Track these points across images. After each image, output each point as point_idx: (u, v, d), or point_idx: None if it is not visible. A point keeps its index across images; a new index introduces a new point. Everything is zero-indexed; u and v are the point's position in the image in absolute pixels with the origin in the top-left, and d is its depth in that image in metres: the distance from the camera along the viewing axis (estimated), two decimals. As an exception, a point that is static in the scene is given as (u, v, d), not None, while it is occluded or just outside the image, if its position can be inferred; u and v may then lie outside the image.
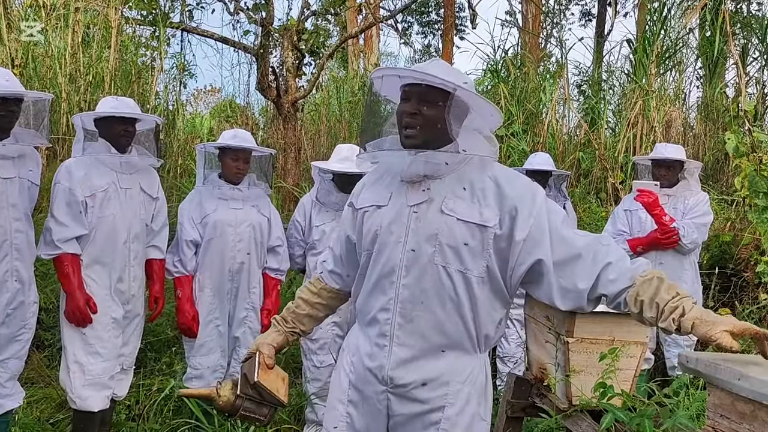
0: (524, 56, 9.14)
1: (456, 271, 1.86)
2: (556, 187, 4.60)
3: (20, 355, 3.09)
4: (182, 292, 3.56)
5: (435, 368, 1.91)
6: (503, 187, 1.88)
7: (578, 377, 2.40)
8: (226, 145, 3.60)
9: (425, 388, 1.90)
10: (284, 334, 2.13)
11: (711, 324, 1.63)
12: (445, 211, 1.87)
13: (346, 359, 2.06)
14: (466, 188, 1.89)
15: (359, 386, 1.99)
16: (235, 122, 10.61)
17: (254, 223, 3.66)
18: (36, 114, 3.11)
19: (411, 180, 1.92)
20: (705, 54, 8.08)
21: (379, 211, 1.95)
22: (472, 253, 1.86)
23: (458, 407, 1.92)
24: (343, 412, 2.02)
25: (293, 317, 2.15)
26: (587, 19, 16.53)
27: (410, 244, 1.88)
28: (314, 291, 2.17)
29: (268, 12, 7.57)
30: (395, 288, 1.90)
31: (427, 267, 1.87)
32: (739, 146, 4.60)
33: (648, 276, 1.74)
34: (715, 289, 5.19)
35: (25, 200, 3.04)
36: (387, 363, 1.91)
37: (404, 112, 1.87)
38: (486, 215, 1.86)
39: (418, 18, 17.95)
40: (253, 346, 2.10)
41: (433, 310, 1.88)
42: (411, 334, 1.90)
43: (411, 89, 1.87)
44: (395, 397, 1.93)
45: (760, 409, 1.63)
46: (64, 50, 5.94)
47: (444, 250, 1.86)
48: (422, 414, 1.92)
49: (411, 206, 1.90)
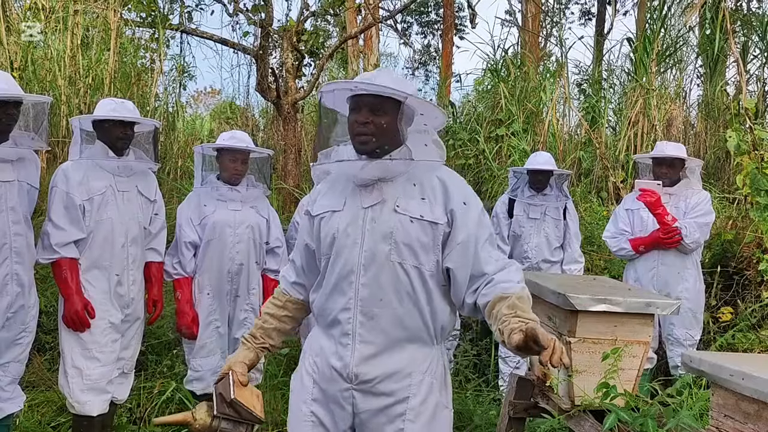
0: (524, 55, 9.13)
1: (411, 267, 1.96)
2: (558, 186, 4.59)
3: (21, 358, 3.08)
4: (181, 294, 3.55)
5: (397, 361, 1.99)
6: (449, 188, 2.01)
7: (581, 377, 2.39)
8: (223, 147, 3.59)
9: (389, 381, 1.98)
10: (254, 350, 2.16)
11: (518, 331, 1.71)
12: (398, 211, 1.97)
13: (308, 361, 2.11)
14: (416, 188, 2.01)
15: (323, 385, 2.04)
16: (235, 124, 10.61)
17: (253, 224, 3.65)
18: (35, 117, 3.10)
19: (364, 184, 2.02)
20: (705, 52, 8.06)
21: (335, 215, 2.04)
22: (425, 248, 1.97)
23: (421, 397, 1.99)
24: (306, 412, 2.07)
25: (262, 333, 2.18)
26: (587, 18, 16.52)
27: (367, 244, 1.97)
28: (279, 305, 2.21)
29: (268, 13, 7.57)
30: (354, 288, 1.98)
31: (384, 265, 1.96)
32: (741, 144, 4.60)
33: (506, 294, 1.84)
34: (717, 287, 5.18)
35: (24, 203, 3.02)
36: (351, 360, 1.98)
37: (356, 121, 1.97)
38: (436, 213, 1.98)
39: (417, 18, 17.94)
40: (224, 367, 2.13)
41: (393, 305, 1.97)
42: (373, 331, 1.97)
43: (361, 99, 1.96)
44: (360, 393, 1.99)
45: (764, 408, 1.62)
46: (63, 53, 5.94)
47: (399, 248, 1.96)
48: (387, 407, 1.99)
49: (365, 208, 2.00)
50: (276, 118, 8.75)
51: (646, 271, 4.21)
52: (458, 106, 9.26)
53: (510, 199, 4.69)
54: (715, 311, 5.04)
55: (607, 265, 5.66)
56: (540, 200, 4.57)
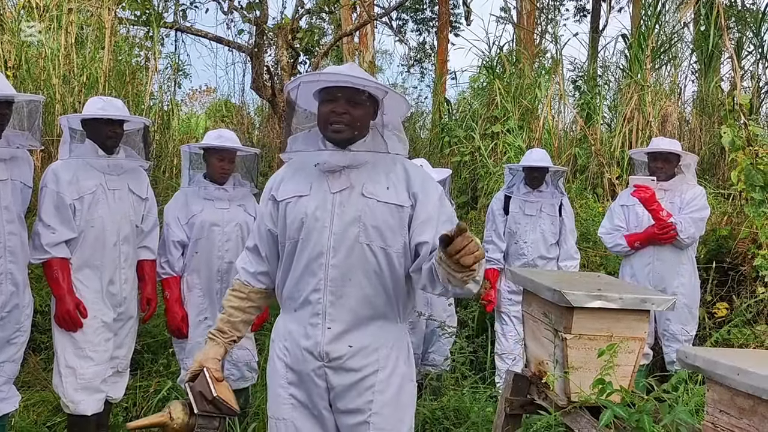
0: (519, 52, 9.12)
1: (379, 248, 2.07)
2: (553, 183, 4.59)
3: (15, 358, 3.07)
4: (170, 293, 3.54)
5: (365, 337, 2.10)
6: (411, 174, 2.15)
7: (577, 374, 2.40)
8: (210, 146, 3.58)
9: (358, 356, 2.08)
10: (223, 345, 2.21)
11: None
12: (366, 195, 2.08)
13: (278, 346, 2.19)
14: (381, 175, 2.12)
15: (296, 367, 2.13)
16: (231, 122, 10.58)
17: (241, 223, 3.64)
18: (28, 116, 3.09)
19: (331, 170, 2.11)
20: (700, 48, 8.07)
21: (301, 200, 2.12)
22: (392, 231, 2.08)
23: (389, 370, 2.12)
24: (285, 395, 2.15)
25: (229, 327, 2.22)
26: (582, 14, 16.52)
27: (336, 227, 2.07)
28: (243, 296, 2.25)
29: (262, 11, 7.55)
30: (324, 269, 2.06)
31: (353, 246, 2.06)
32: (735, 140, 4.60)
33: None
34: (712, 283, 5.18)
35: (18, 202, 3.02)
36: (322, 339, 2.08)
37: (333, 112, 2.05)
38: (401, 197, 2.10)
39: (412, 15, 17.91)
40: (194, 365, 2.16)
41: (361, 285, 2.07)
42: (342, 310, 2.07)
43: (339, 91, 2.05)
44: (331, 370, 2.09)
45: (759, 404, 1.63)
46: (57, 51, 5.90)
47: (368, 230, 2.06)
48: (358, 381, 2.09)
49: (334, 193, 2.09)
50: (271, 116, 8.74)
51: (642, 267, 4.22)
52: (454, 104, 9.26)
53: (506, 195, 4.69)
54: (710, 307, 5.05)
55: (602, 261, 5.67)
56: (536, 197, 4.57)
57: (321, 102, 2.10)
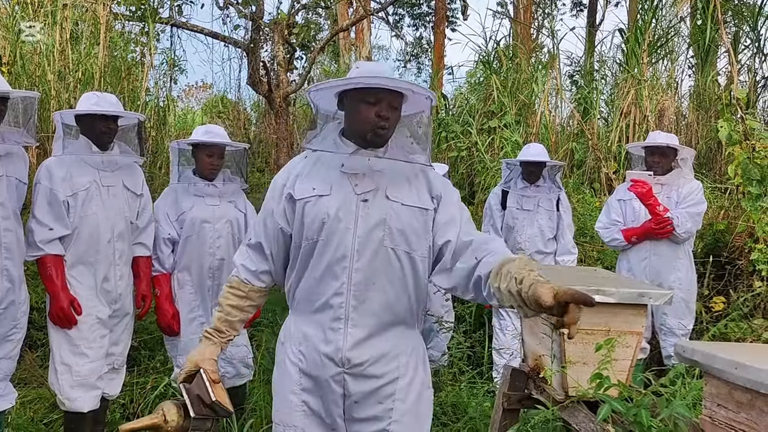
0: (516, 47, 9.11)
1: (403, 252, 2.03)
2: (551, 177, 4.59)
3: (12, 355, 3.06)
4: (161, 290, 3.52)
5: (386, 344, 2.04)
6: (430, 177, 2.13)
7: (574, 368, 2.40)
8: (198, 142, 3.55)
9: (380, 363, 2.02)
10: (219, 344, 2.13)
11: (542, 283, 1.66)
12: (390, 198, 2.03)
13: (291, 350, 2.10)
14: (403, 178, 2.08)
15: (313, 373, 2.05)
16: (227, 118, 10.56)
17: (231, 219, 3.63)
18: (23, 112, 3.07)
19: (355, 171, 2.05)
20: (696, 42, 8.06)
21: (322, 199, 2.03)
22: (417, 234, 2.04)
23: (409, 377, 2.07)
24: (297, 402, 2.07)
25: (227, 326, 2.13)
26: (578, 9, 16.51)
27: (360, 229, 2.00)
28: (242, 295, 2.15)
29: (258, 6, 7.52)
30: (348, 272, 2.00)
31: (378, 250, 2.00)
32: (732, 134, 4.60)
33: (512, 257, 1.84)
34: (709, 277, 5.19)
35: (13, 199, 3.00)
36: (343, 345, 2.01)
37: (379, 115, 1.99)
38: (424, 200, 2.07)
39: (409, 10, 17.89)
40: (189, 364, 2.07)
41: (385, 289, 2.02)
42: (365, 315, 2.01)
43: (381, 94, 1.98)
44: (351, 377, 2.02)
45: (757, 398, 1.62)
46: (52, 47, 5.87)
47: (393, 233, 2.01)
48: (378, 389, 2.03)
49: (359, 195, 2.03)
50: (268, 112, 8.73)
51: (639, 262, 4.22)
52: (450, 99, 9.24)
53: (503, 190, 4.69)
54: (707, 301, 5.06)
55: (600, 255, 5.67)
56: (533, 192, 4.56)
57: (359, 101, 2.00)
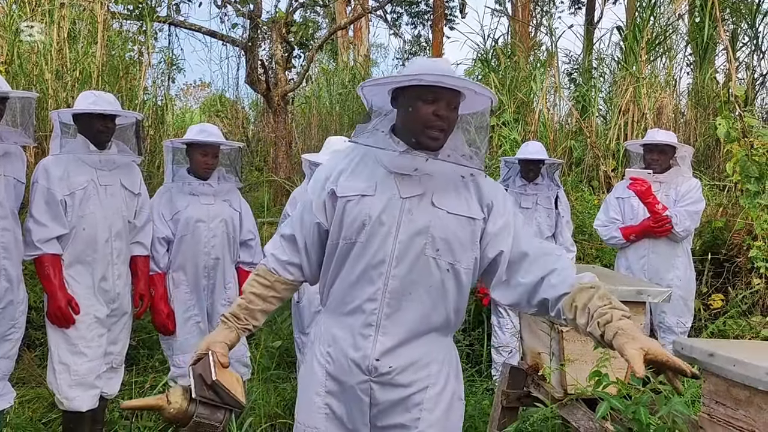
0: (514, 45, 9.12)
1: (446, 263, 1.91)
2: (549, 175, 4.59)
3: (10, 354, 3.06)
4: (155, 290, 3.50)
5: (417, 352, 1.94)
6: (481, 184, 1.99)
7: (573, 366, 2.40)
8: (193, 141, 3.53)
9: (408, 371, 1.93)
10: (236, 331, 2.00)
11: (631, 339, 1.63)
12: (436, 205, 1.91)
13: (319, 350, 2.02)
14: (450, 184, 1.95)
15: (339, 377, 1.97)
16: (225, 116, 10.56)
17: (227, 218, 3.62)
18: (21, 112, 3.06)
19: (401, 172, 1.93)
20: (695, 40, 8.06)
21: (364, 200, 1.93)
22: (462, 245, 1.92)
23: (440, 387, 1.96)
24: (321, 404, 2.00)
25: (246, 314, 2.02)
26: (577, 6, 16.48)
27: (402, 235, 1.89)
28: (267, 284, 2.05)
29: (256, 4, 7.52)
30: (384, 278, 1.90)
31: (418, 258, 1.89)
32: (730, 131, 4.60)
33: (587, 285, 1.78)
34: (708, 275, 5.20)
35: (11, 198, 3.00)
36: (372, 353, 1.91)
37: (438, 115, 1.86)
38: (473, 209, 1.94)
39: (407, 8, 17.87)
40: (201, 346, 1.95)
41: (422, 299, 1.91)
42: (397, 324, 1.92)
43: (441, 92, 1.86)
44: (378, 385, 1.93)
45: (755, 395, 1.63)
46: (50, 46, 5.87)
47: (436, 242, 1.89)
48: (406, 398, 1.94)
49: (404, 198, 1.91)
50: (266, 111, 8.72)
51: (637, 260, 4.22)
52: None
53: (501, 188, 4.68)
54: (706, 298, 5.07)
55: (598, 253, 5.68)
56: (531, 190, 4.56)
57: (416, 99, 1.87)
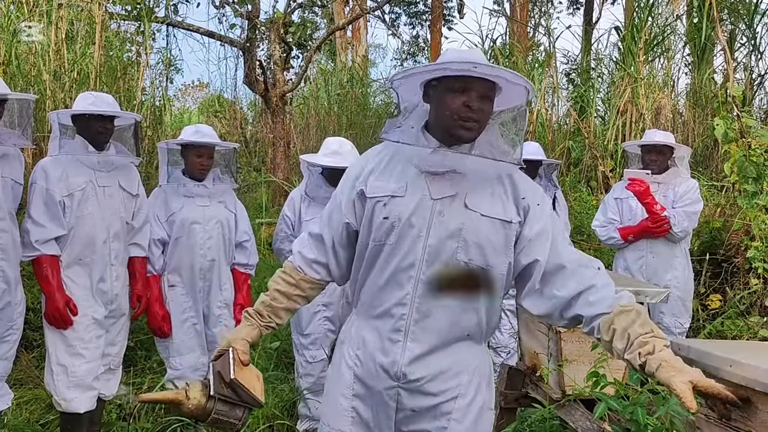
0: (512, 45, 9.12)
1: (478, 268, 1.83)
2: (547, 176, 4.59)
3: (8, 356, 3.05)
4: (150, 292, 3.48)
5: (447, 360, 1.87)
6: (518, 184, 1.89)
7: (571, 367, 2.40)
8: (188, 142, 3.51)
9: (438, 380, 1.87)
10: (258, 328, 1.97)
11: (677, 371, 1.59)
12: (469, 207, 1.83)
13: (348, 352, 1.97)
14: (486, 184, 1.86)
15: (367, 381, 1.92)
16: (224, 117, 10.55)
17: (222, 220, 3.61)
18: (19, 114, 3.06)
19: (434, 172, 1.85)
20: (693, 40, 8.07)
21: (394, 200, 1.85)
22: (495, 249, 1.84)
23: (470, 397, 1.90)
24: (347, 407, 1.95)
25: (269, 311, 1.98)
26: (575, 7, 16.50)
27: (432, 238, 1.82)
28: (292, 282, 2.00)
29: (254, 5, 7.53)
30: (414, 283, 1.83)
31: (449, 263, 1.82)
32: (728, 132, 4.60)
33: (627, 308, 1.72)
34: (706, 275, 5.20)
35: (9, 200, 2.99)
36: (401, 359, 1.86)
37: (468, 106, 1.77)
38: (509, 212, 1.85)
39: (405, 9, 17.88)
40: (223, 343, 1.93)
41: (452, 305, 1.85)
42: (426, 330, 1.85)
43: (471, 81, 1.77)
44: (406, 392, 1.88)
45: (752, 395, 1.63)
46: (47, 47, 5.86)
47: (468, 246, 1.82)
48: (434, 406, 1.88)
49: (435, 199, 1.83)
50: (264, 111, 8.72)
51: (635, 260, 4.22)
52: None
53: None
54: (704, 299, 5.07)
55: (596, 254, 5.68)
56: (529, 190, 4.56)
57: (446, 90, 1.79)
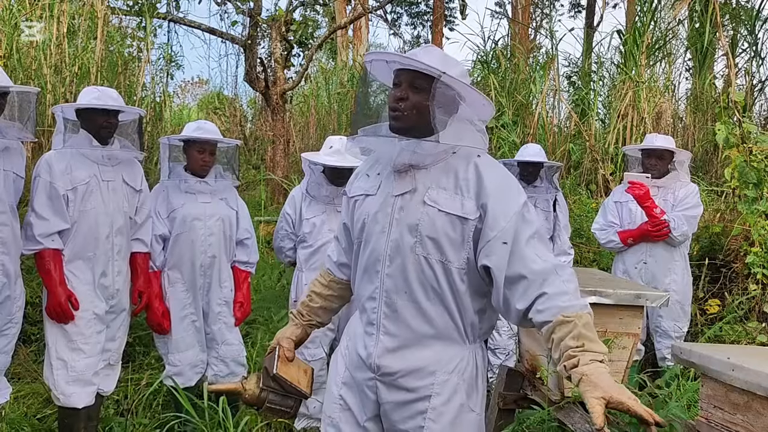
0: (514, 47, 9.12)
1: (437, 262, 1.87)
2: (548, 178, 4.59)
3: (6, 350, 3.04)
4: (151, 288, 3.46)
5: (421, 358, 1.91)
6: (484, 179, 1.86)
7: (571, 369, 2.39)
8: (190, 138, 3.50)
9: (412, 376, 1.91)
10: (302, 327, 2.20)
11: (593, 386, 1.57)
12: (427, 202, 1.87)
13: (343, 343, 2.12)
14: (450, 179, 1.89)
15: (352, 371, 2.03)
16: (223, 114, 10.54)
17: (223, 217, 3.60)
18: (21, 107, 3.05)
19: (399, 169, 1.93)
20: (694, 45, 8.08)
21: (367, 199, 1.99)
22: (453, 244, 1.86)
23: (445, 397, 1.91)
24: (336, 395, 2.06)
25: (308, 311, 2.21)
26: (577, 9, 16.53)
27: (393, 233, 1.90)
28: (324, 283, 2.22)
29: (256, 2, 7.52)
30: (380, 277, 1.92)
31: (409, 257, 1.88)
32: (729, 137, 4.61)
33: (568, 318, 1.69)
34: (705, 280, 5.20)
35: (10, 193, 2.98)
36: (375, 351, 1.94)
37: (393, 96, 1.87)
38: (467, 207, 1.85)
39: (407, 9, 17.89)
40: (273, 341, 2.18)
41: (417, 299, 1.89)
42: (396, 323, 1.91)
43: (402, 74, 1.87)
44: (383, 384, 1.95)
45: (753, 399, 1.63)
46: (49, 41, 5.85)
47: (424, 241, 1.86)
48: (409, 402, 1.92)
49: (396, 196, 1.92)
50: (264, 109, 8.72)
51: (635, 264, 4.22)
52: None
53: (500, 190, 4.67)
54: (702, 303, 5.07)
55: (596, 257, 5.68)
56: (530, 192, 4.55)
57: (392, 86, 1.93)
